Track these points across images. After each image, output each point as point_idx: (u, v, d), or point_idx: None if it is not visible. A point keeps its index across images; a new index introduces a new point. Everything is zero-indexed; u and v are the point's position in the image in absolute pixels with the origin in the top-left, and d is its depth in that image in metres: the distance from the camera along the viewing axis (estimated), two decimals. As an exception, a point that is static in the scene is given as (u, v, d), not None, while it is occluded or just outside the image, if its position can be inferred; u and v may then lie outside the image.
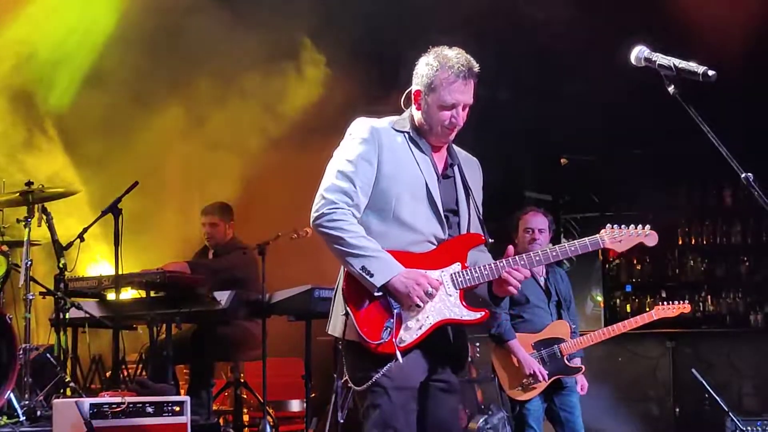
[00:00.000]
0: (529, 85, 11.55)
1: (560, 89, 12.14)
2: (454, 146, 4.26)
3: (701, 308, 11.73)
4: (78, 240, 7.45)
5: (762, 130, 10.25)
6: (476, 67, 4.04)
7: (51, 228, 7.35)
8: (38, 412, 6.60)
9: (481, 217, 4.17)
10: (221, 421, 8.02)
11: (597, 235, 4.26)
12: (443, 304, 3.96)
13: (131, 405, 5.96)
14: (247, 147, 10.27)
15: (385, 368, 3.85)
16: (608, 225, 4.29)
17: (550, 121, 11.88)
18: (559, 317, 6.87)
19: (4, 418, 6.41)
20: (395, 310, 3.89)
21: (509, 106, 11.32)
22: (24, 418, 6.47)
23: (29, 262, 7.06)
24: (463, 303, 3.99)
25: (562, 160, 12.39)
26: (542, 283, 6.89)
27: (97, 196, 9.02)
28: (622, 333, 6.96)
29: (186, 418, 6.18)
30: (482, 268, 4.00)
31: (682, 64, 3.45)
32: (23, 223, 7.15)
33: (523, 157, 11.98)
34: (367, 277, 3.87)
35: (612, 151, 11.99)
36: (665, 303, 7.01)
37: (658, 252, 12.06)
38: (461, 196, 4.14)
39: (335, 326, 4.03)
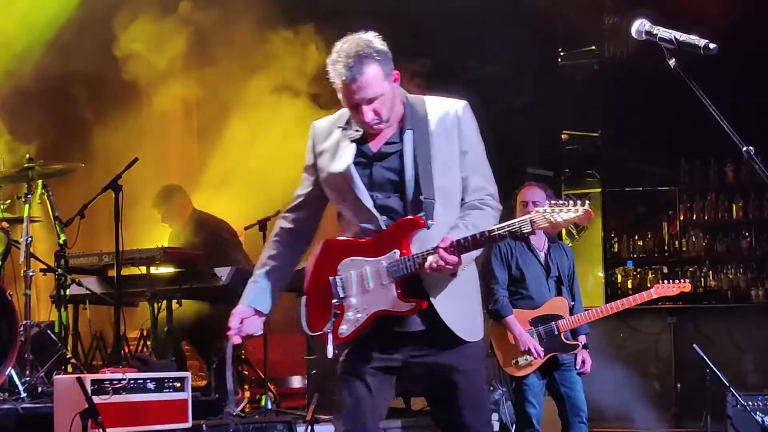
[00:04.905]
0: (530, 60, 11.53)
1: (562, 64, 12.14)
2: (431, 100, 4.07)
3: (702, 284, 11.72)
4: (78, 217, 7.44)
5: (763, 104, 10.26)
6: (365, 49, 3.84)
7: (51, 204, 7.34)
8: (39, 389, 6.62)
9: (427, 192, 3.91)
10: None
11: (528, 216, 3.81)
12: (378, 295, 3.90)
13: (132, 381, 5.97)
14: (250, 123, 10.24)
15: (337, 353, 3.95)
16: (546, 203, 3.84)
17: (552, 97, 11.87)
18: (559, 293, 6.86)
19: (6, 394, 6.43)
20: (335, 302, 3.94)
21: (511, 81, 11.30)
22: (25, 394, 6.49)
23: (29, 239, 7.05)
24: (399, 292, 3.88)
25: (564, 136, 12.38)
26: (542, 258, 6.88)
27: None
28: (623, 309, 6.95)
29: (187, 394, 6.18)
30: (415, 257, 3.86)
31: (683, 37, 3.43)
32: (23, 200, 7.15)
33: (525, 133, 11.96)
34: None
35: (613, 126, 11.97)
36: (665, 281, 7.00)
37: (660, 227, 12.07)
38: (408, 169, 3.94)
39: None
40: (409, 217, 3.92)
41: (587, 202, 3.77)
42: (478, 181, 4.04)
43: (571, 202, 3.78)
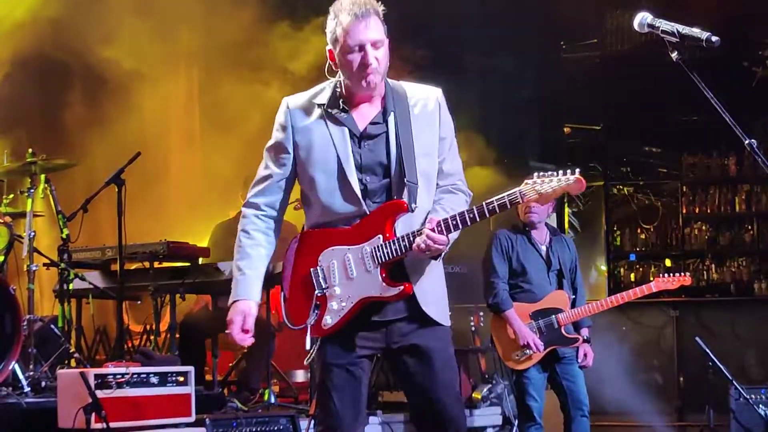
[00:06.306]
0: (532, 53, 11.52)
1: (564, 57, 12.13)
2: (409, 85, 4.07)
3: (705, 277, 11.72)
4: (81, 211, 7.44)
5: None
6: (373, 4, 3.87)
7: (54, 198, 7.35)
8: (43, 383, 6.63)
9: (410, 176, 3.90)
10: (225, 391, 8.04)
11: (516, 189, 3.81)
12: (363, 282, 3.86)
13: (135, 375, 5.98)
14: (249, 116, 10.22)
15: (311, 351, 3.91)
16: (535, 174, 3.81)
17: (554, 90, 11.85)
18: (560, 287, 6.86)
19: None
20: (317, 293, 3.88)
21: (513, 74, 11.29)
22: (29, 389, 6.50)
23: (32, 233, 7.06)
24: (384, 278, 3.85)
25: (566, 129, 12.37)
26: (543, 252, 6.88)
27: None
28: (625, 302, 6.95)
29: (190, 389, 6.19)
30: (399, 239, 3.84)
31: (686, 30, 3.43)
32: (26, 194, 7.16)
33: (527, 127, 11.95)
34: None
35: (615, 119, 11.96)
36: (666, 275, 7.00)
37: (662, 221, 12.06)
38: (392, 152, 3.94)
39: None
40: (395, 200, 3.91)
41: (577, 170, 3.74)
42: (450, 167, 4.08)
43: (560, 172, 3.77)
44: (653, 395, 10.33)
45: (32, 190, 7.18)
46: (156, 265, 7.78)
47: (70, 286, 7.35)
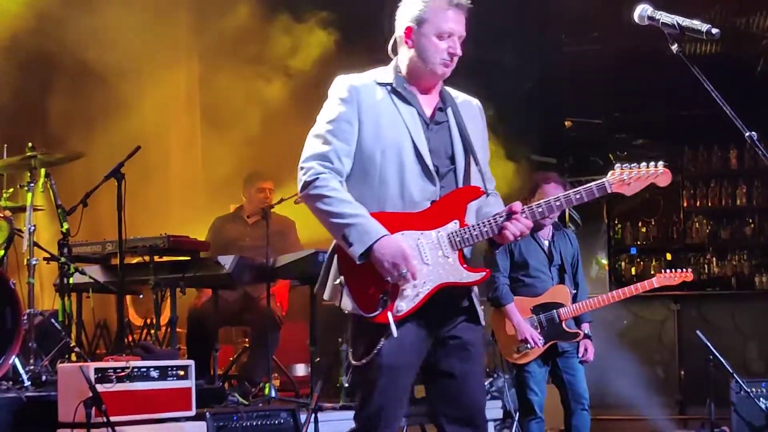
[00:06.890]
0: (533, 46, 11.50)
1: (565, 51, 12.11)
2: (451, 90, 4.10)
3: (706, 271, 11.73)
4: (81, 205, 7.44)
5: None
6: (468, 2, 3.93)
7: (54, 193, 7.34)
8: (43, 377, 6.62)
9: (480, 164, 3.96)
10: (226, 385, 8.03)
11: (603, 179, 3.97)
12: (441, 267, 3.81)
13: (136, 369, 5.97)
14: (249, 111, 10.20)
15: (380, 344, 3.74)
16: (617, 165, 3.95)
17: (555, 83, 11.84)
18: (561, 282, 6.85)
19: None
20: (389, 279, 3.73)
21: (514, 68, 11.28)
22: (29, 383, 6.49)
23: (33, 228, 7.06)
24: (463, 264, 3.83)
25: (567, 123, 12.36)
26: (545, 246, 6.87)
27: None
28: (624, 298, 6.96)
29: (191, 382, 6.18)
30: (481, 225, 3.83)
31: (686, 22, 3.43)
32: (26, 188, 7.16)
33: (528, 120, 11.94)
34: (347, 246, 3.74)
35: (616, 113, 11.96)
36: (668, 270, 6.99)
37: (663, 214, 12.06)
38: (456, 141, 3.95)
39: (333, 295, 3.88)
40: (471, 186, 3.93)
41: (660, 163, 3.87)
42: (489, 172, 4.13)
43: (644, 164, 3.91)
44: (654, 388, 10.35)
45: (32, 185, 7.16)
46: (156, 259, 7.77)
47: (71, 280, 7.34)
